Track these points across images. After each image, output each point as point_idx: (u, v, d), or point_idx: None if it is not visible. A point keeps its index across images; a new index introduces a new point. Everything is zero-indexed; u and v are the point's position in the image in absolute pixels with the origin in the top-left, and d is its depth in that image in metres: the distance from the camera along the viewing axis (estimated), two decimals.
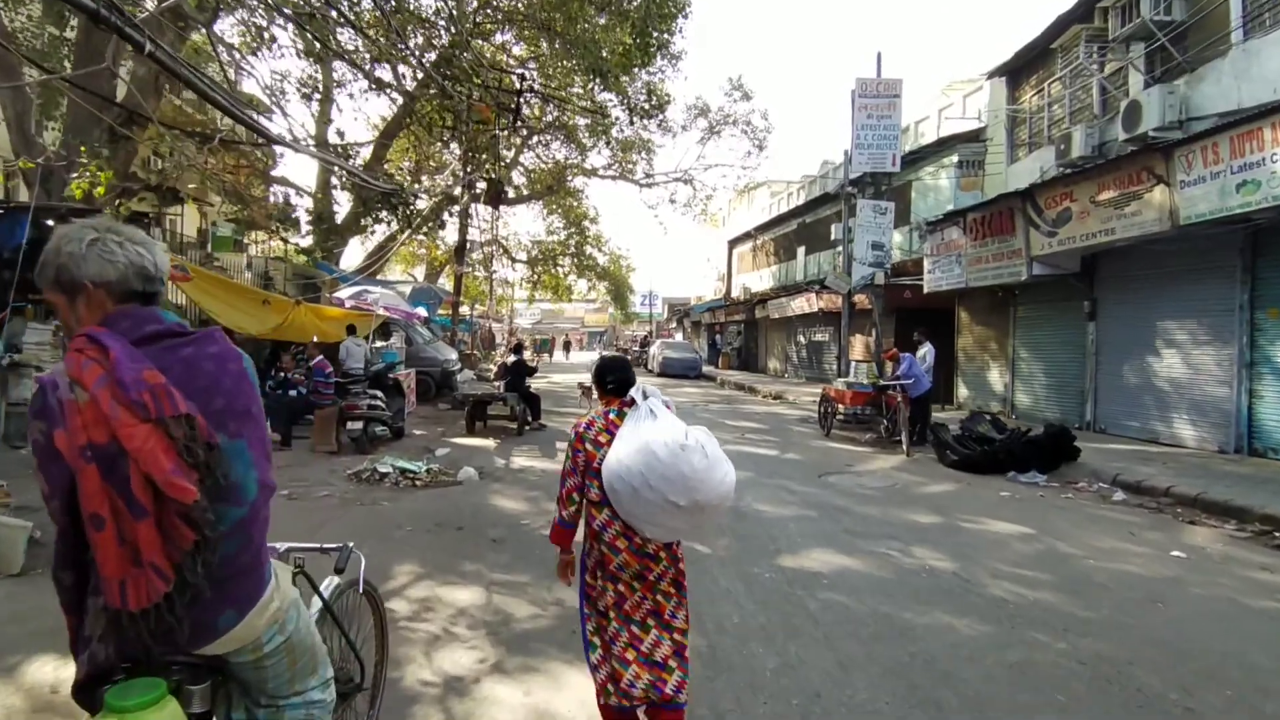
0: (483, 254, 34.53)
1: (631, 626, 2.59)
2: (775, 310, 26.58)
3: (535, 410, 12.00)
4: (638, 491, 2.41)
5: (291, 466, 8.54)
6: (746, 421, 14.10)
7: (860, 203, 14.78)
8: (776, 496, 7.44)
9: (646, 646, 2.58)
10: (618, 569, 2.60)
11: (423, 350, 15.79)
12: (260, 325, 12.87)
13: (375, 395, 9.78)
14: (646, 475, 2.39)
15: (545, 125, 24.25)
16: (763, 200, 34.20)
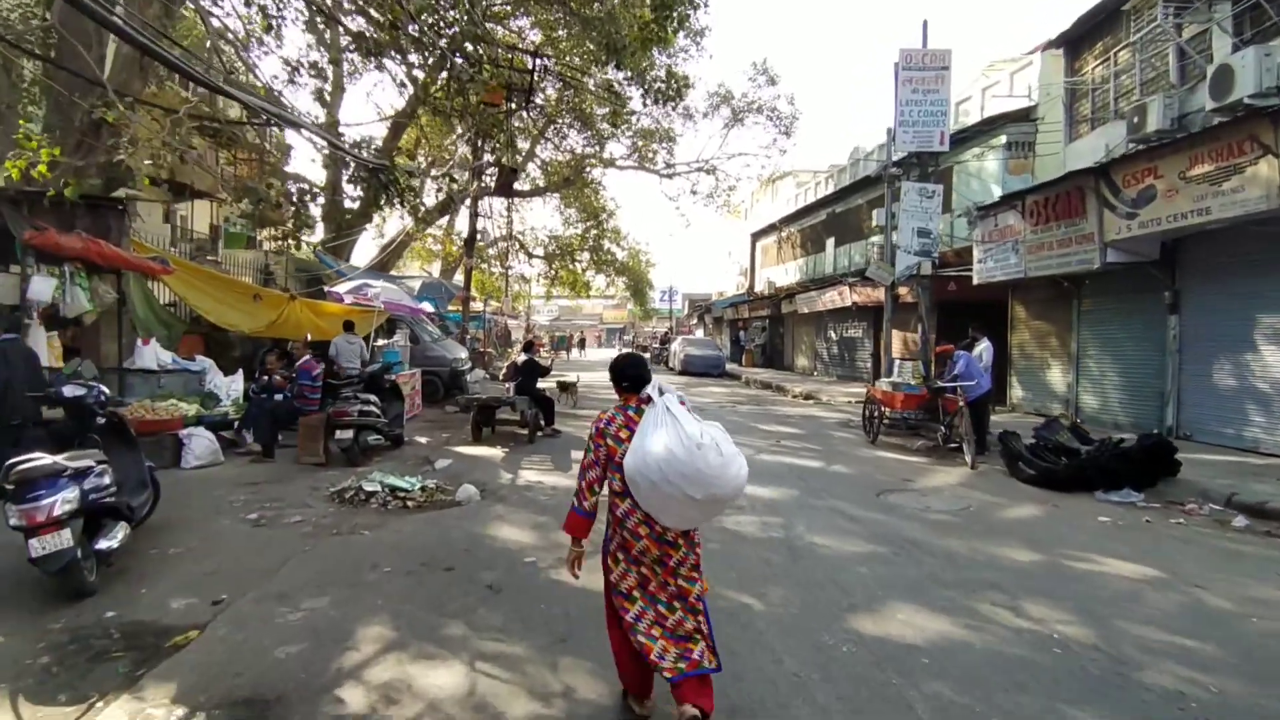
0: (498, 249, 33.73)
1: (658, 606, 2.83)
2: (804, 305, 25.24)
3: (549, 415, 10.86)
4: (657, 485, 2.64)
5: (269, 483, 7.46)
6: (780, 425, 12.85)
7: (905, 186, 13.45)
8: (832, 524, 6.21)
9: (672, 624, 2.81)
10: (639, 554, 2.84)
11: (430, 349, 14.72)
12: (252, 322, 11.89)
13: (368, 400, 8.68)
14: (665, 471, 2.60)
15: (562, 109, 23.15)
16: (788, 191, 32.81)
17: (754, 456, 9.47)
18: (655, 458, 2.65)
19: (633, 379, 3.02)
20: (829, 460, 9.40)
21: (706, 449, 2.63)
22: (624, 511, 2.88)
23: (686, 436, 2.65)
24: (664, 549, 2.84)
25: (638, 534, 2.85)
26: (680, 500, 2.66)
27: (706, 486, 2.63)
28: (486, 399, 10.12)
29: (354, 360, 11.54)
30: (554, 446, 10.05)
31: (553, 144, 26.57)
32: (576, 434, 11.16)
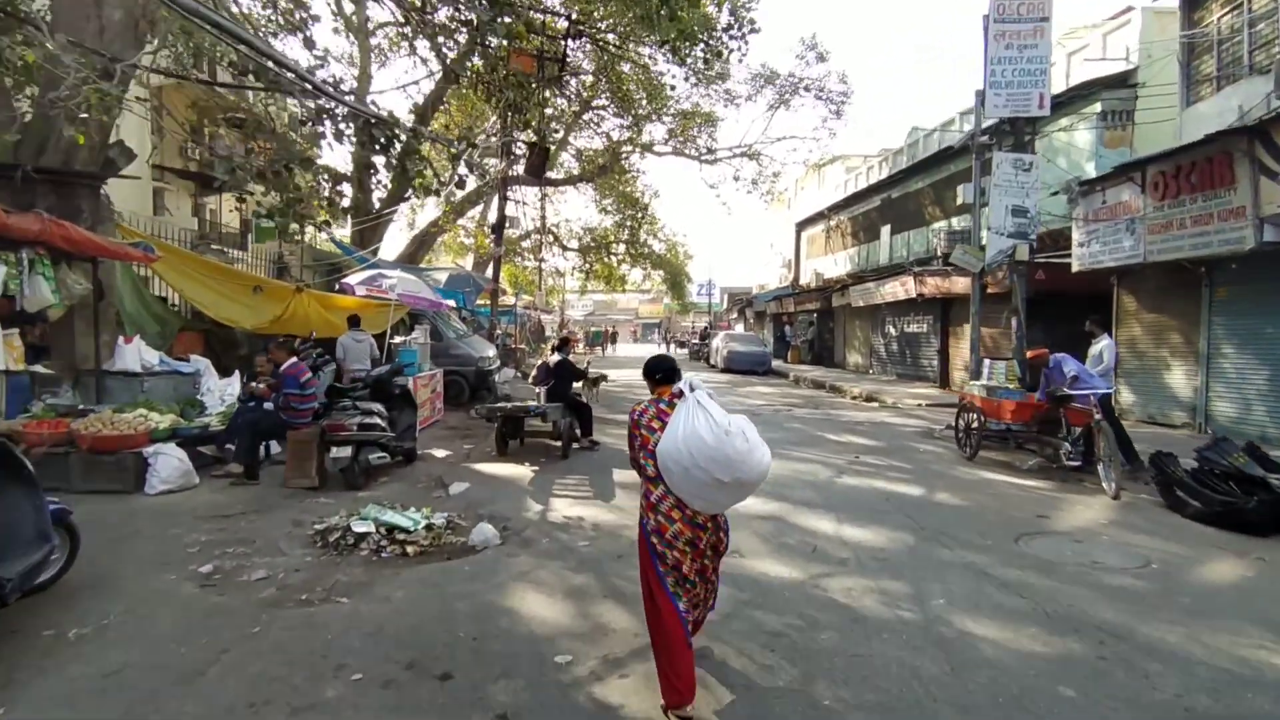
0: (532, 241, 32.37)
1: (686, 585, 3.15)
2: (859, 297, 23.29)
3: (586, 424, 9.30)
4: (688, 470, 2.94)
5: (244, 515, 6.04)
6: (851, 435, 11.10)
7: (997, 157, 11.54)
8: (979, 594, 4.50)
9: (694, 597, 3.21)
10: (673, 537, 3.11)
11: (453, 346, 13.30)
12: (256, 317, 10.58)
13: (371, 410, 7.22)
14: (695, 457, 2.90)
15: (599, 90, 21.63)
16: (836, 177, 30.80)
17: (834, 479, 7.79)
18: (686, 444, 2.91)
19: (666, 372, 3.34)
20: (928, 485, 7.65)
21: (734, 435, 2.90)
22: (657, 498, 3.14)
23: (715, 424, 2.91)
24: (695, 531, 3.11)
25: (671, 518, 3.10)
26: (709, 484, 2.94)
27: (733, 470, 2.91)
28: (512, 408, 8.58)
29: (362, 360, 10.17)
30: (592, 463, 8.48)
31: (590, 128, 25.14)
32: (617, 445, 9.58)
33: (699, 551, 3.14)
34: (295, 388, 7.03)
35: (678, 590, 3.10)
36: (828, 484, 7.56)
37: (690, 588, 3.15)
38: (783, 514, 6.31)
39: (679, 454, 2.93)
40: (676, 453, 2.94)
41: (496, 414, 8.58)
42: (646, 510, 3.19)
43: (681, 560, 3.10)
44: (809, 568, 4.90)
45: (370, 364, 9.79)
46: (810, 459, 8.97)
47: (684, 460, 2.92)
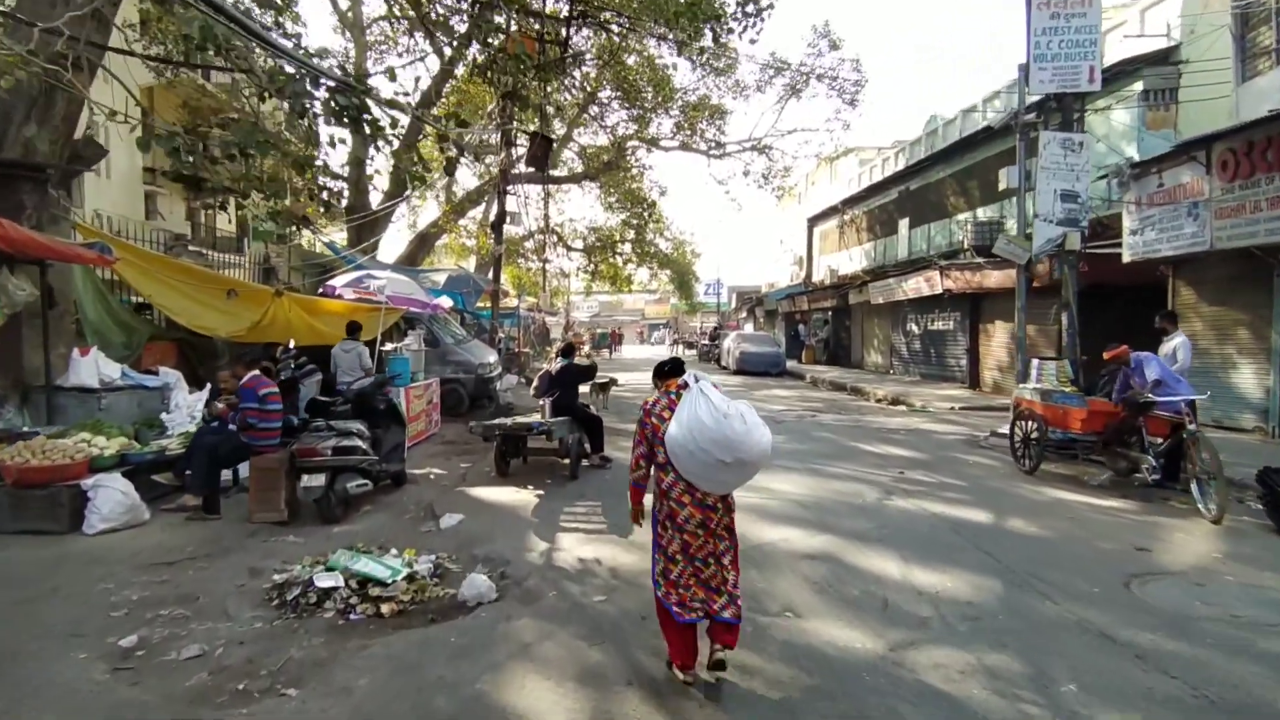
0: (535, 242, 31.43)
1: (695, 564, 3.34)
2: (879, 294, 22.23)
3: (596, 439, 8.30)
4: (693, 454, 3.16)
5: (192, 562, 5.08)
6: (888, 445, 10.08)
7: (1044, 137, 10.48)
8: (1113, 670, 3.47)
9: (705, 577, 3.34)
10: (684, 521, 3.33)
11: (451, 352, 12.33)
12: (232, 323, 9.61)
13: (349, 430, 6.25)
14: (698, 439, 3.12)
15: (603, 82, 20.69)
16: (849, 170, 29.77)
17: (883, 502, 6.77)
18: (689, 428, 3.16)
19: (672, 366, 3.73)
20: (994, 508, 6.63)
21: (732, 418, 3.11)
22: (668, 484, 3.38)
23: (715, 409, 3.14)
24: (705, 513, 3.33)
25: (681, 502, 3.34)
26: (713, 465, 3.14)
27: (734, 450, 3.11)
28: (512, 426, 7.54)
29: (353, 371, 9.20)
30: (605, 485, 7.49)
31: (594, 124, 24.21)
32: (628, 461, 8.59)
33: (710, 533, 3.35)
34: (254, 402, 6.05)
35: (666, 570, 3.37)
36: (878, 509, 6.54)
37: (702, 567, 3.33)
38: (836, 551, 5.30)
39: (685, 439, 3.16)
40: (682, 437, 3.18)
41: (495, 433, 7.56)
42: (659, 498, 3.44)
43: (691, 542, 3.33)
44: (885, 632, 3.89)
45: (364, 374, 8.85)
46: (850, 475, 7.96)
47: (688, 444, 3.15)
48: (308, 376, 10.39)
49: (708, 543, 3.35)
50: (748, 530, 5.67)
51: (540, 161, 12.72)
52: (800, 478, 7.79)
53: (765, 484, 7.36)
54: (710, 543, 3.35)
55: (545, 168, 13.13)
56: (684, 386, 3.44)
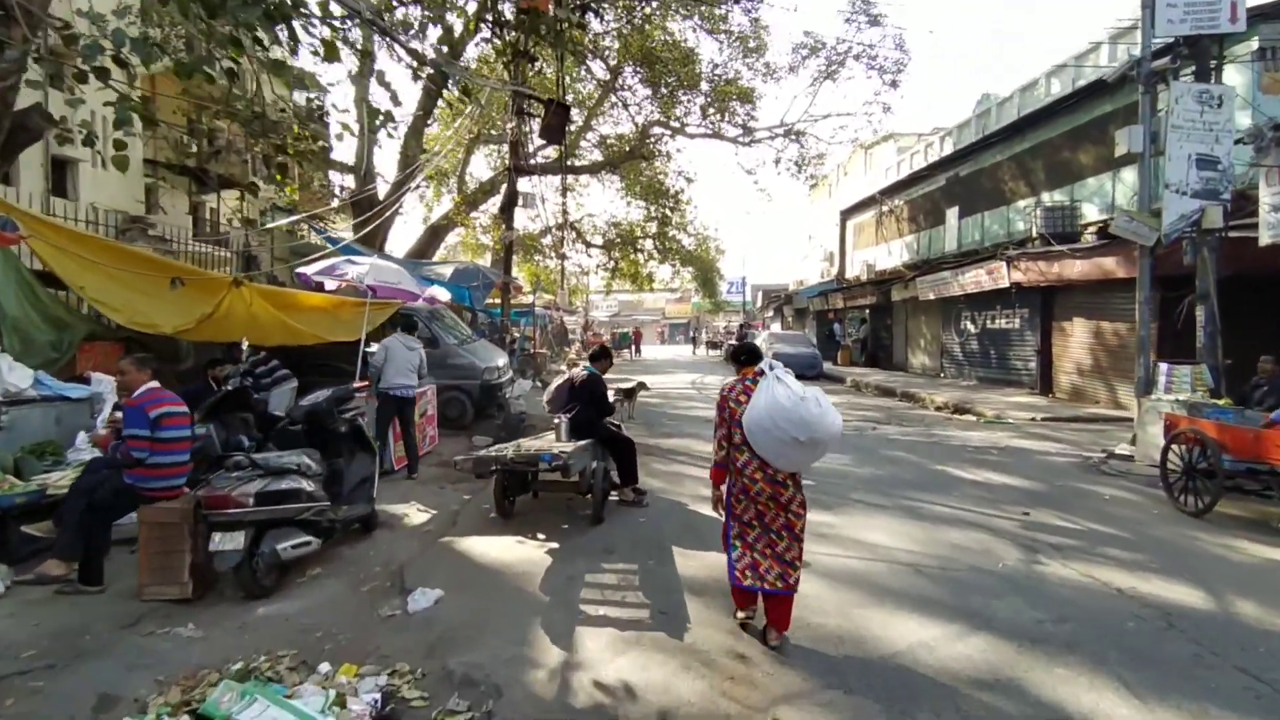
0: (553, 237, 29.72)
1: (770, 534, 3.64)
2: (930, 289, 20.18)
3: (628, 467, 6.45)
4: (769, 432, 3.44)
5: (24, 676, 3.31)
6: (985, 470, 8.13)
7: (1175, 89, 8.49)
8: None
9: (780, 549, 3.62)
10: (757, 494, 3.64)
11: (453, 354, 10.55)
12: (178, 317, 7.85)
13: (284, 469, 4.46)
14: (776, 419, 3.40)
15: (626, 59, 18.94)
16: (886, 159, 27.71)
17: (1030, 567, 4.84)
18: (769, 410, 3.43)
19: (749, 354, 3.92)
20: (1192, 577, 4.68)
21: (808, 401, 3.40)
22: (743, 462, 3.66)
23: (792, 393, 3.43)
24: (776, 489, 3.62)
25: (755, 479, 3.63)
26: (789, 443, 3.42)
27: (809, 430, 3.38)
28: (513, 459, 5.60)
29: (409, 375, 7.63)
30: (640, 533, 5.63)
31: (616, 110, 22.57)
32: (672, 494, 6.75)
33: (781, 506, 3.64)
34: (141, 428, 4.27)
35: (740, 538, 3.70)
36: (1031, 579, 4.62)
37: (775, 538, 3.63)
38: (1009, 669, 3.40)
39: (763, 419, 3.45)
40: (761, 418, 3.46)
41: (490, 469, 5.66)
42: (734, 475, 3.72)
43: (765, 512, 3.65)
44: None
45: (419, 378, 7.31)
46: (961, 518, 6.04)
47: (766, 424, 3.44)
48: (279, 384, 8.70)
49: (780, 516, 3.64)
50: (859, 624, 3.82)
51: (557, 133, 10.93)
52: (897, 522, 5.90)
53: (855, 534, 5.48)
54: (783, 516, 3.65)
55: (563, 140, 11.36)
56: (760, 373, 3.66)
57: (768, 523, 3.64)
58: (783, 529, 3.63)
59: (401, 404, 7.96)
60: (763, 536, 3.64)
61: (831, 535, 5.50)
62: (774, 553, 3.61)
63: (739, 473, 3.68)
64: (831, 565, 4.81)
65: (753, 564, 3.62)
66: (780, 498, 3.62)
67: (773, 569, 3.58)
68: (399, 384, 7.86)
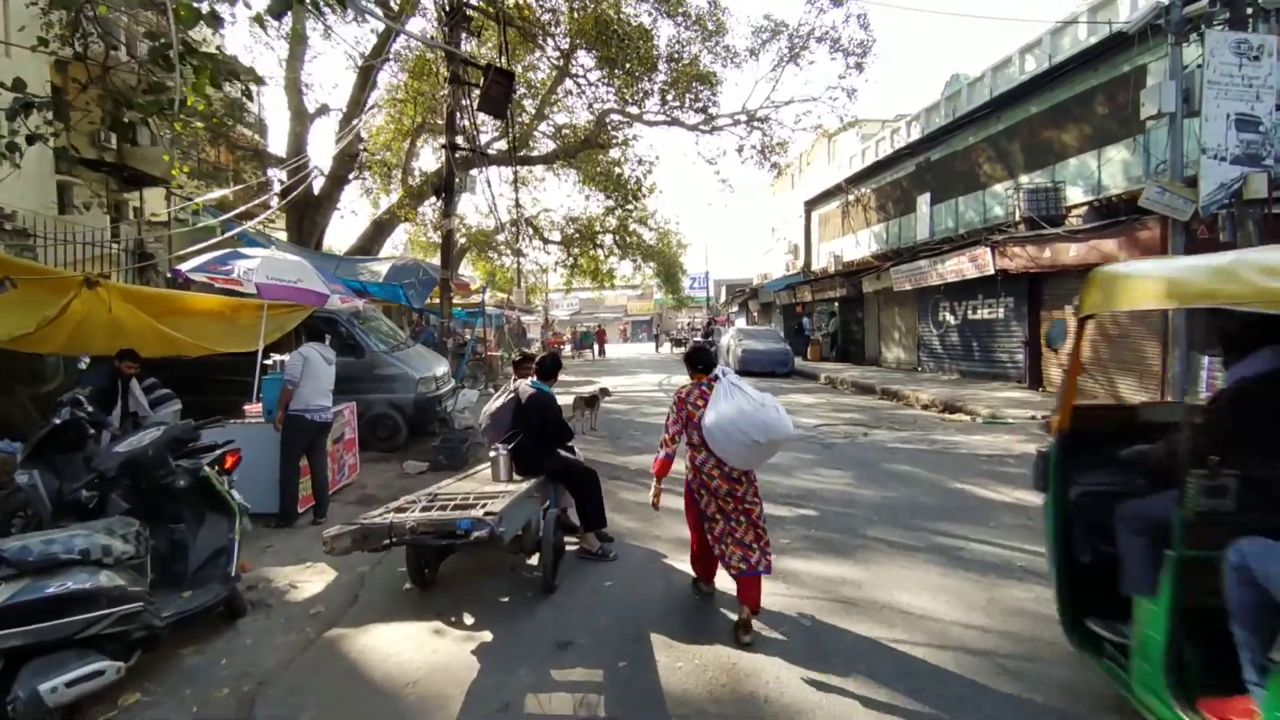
0: (507, 234, 28.06)
1: (731, 523, 3.84)
2: (906, 279, 19.17)
3: (591, 507, 4.99)
4: (730, 435, 3.66)
5: None
6: (1009, 486, 6.91)
7: (1210, 40, 7.39)
8: None
9: (740, 535, 3.82)
10: (714, 490, 3.86)
11: (381, 364, 8.95)
12: (11, 323, 6.23)
13: (66, 557, 2.91)
14: (738, 423, 3.63)
15: (579, 41, 17.48)
16: (850, 146, 26.71)
17: None
18: (732, 414, 3.66)
19: (705, 364, 4.12)
20: None
21: (768, 408, 3.67)
22: (701, 460, 3.89)
23: (752, 399, 3.69)
24: (732, 485, 3.85)
25: (713, 475, 3.86)
26: (747, 445, 3.66)
27: (768, 433, 3.63)
28: (417, 529, 3.73)
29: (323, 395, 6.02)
30: (609, 605, 4.20)
31: (571, 97, 21.16)
32: (645, 535, 5.33)
33: (737, 499, 3.86)
34: None
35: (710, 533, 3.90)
36: None
37: (736, 526, 3.83)
38: None
39: (726, 423, 3.67)
40: (724, 422, 3.67)
41: (383, 543, 3.82)
42: (692, 472, 3.97)
43: (725, 506, 3.86)
44: None
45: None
46: (1011, 561, 4.76)
47: (729, 428, 3.66)
48: (161, 405, 7.04)
49: (738, 507, 3.87)
50: None
51: (498, 105, 9.42)
52: (939, 573, 4.58)
53: (888, 596, 4.15)
54: (740, 507, 3.87)
55: (505, 113, 9.85)
56: (714, 379, 3.94)
57: (728, 513, 3.87)
58: (741, 515, 3.88)
59: (319, 430, 6.44)
60: (725, 526, 3.86)
61: (858, 600, 4.16)
62: (735, 539, 3.82)
63: (696, 470, 3.94)
64: (876, 664, 3.43)
65: (722, 554, 3.86)
66: (736, 493, 3.88)
67: (735, 553, 3.81)
68: (317, 405, 6.32)
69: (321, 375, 6.39)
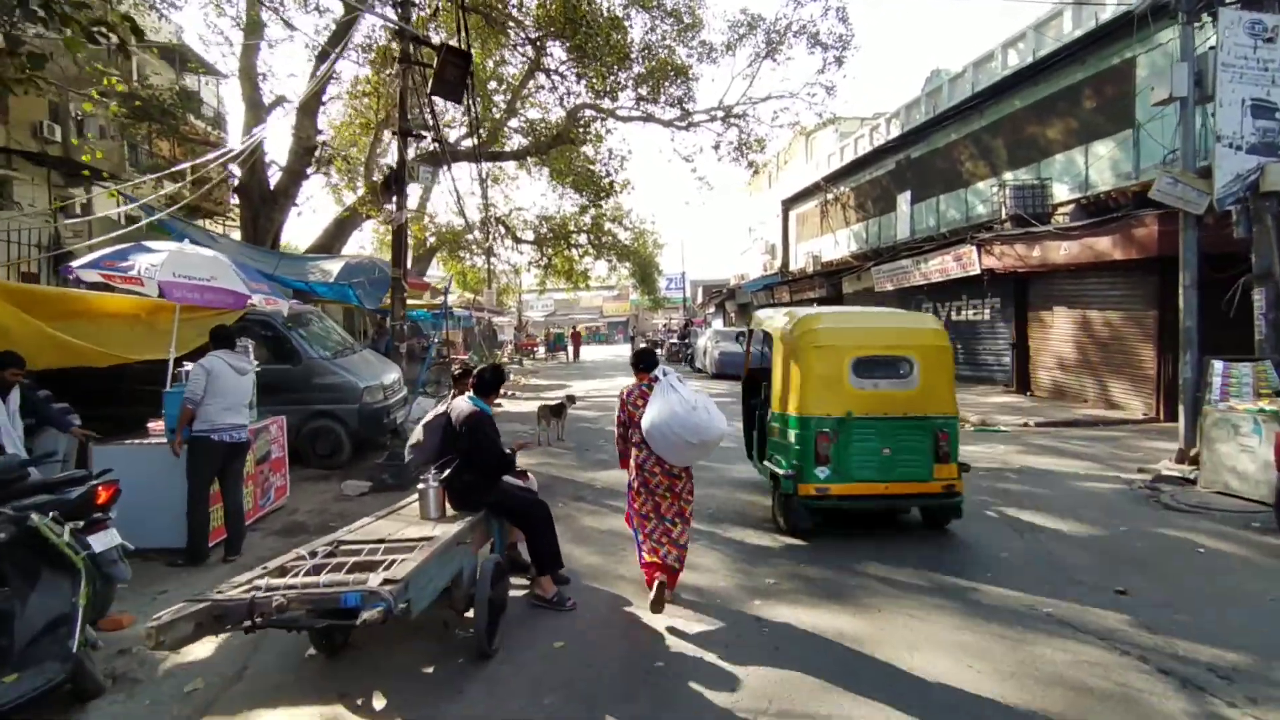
0: (479, 233, 27.11)
1: (665, 523, 4.12)
2: (888, 279, 18.63)
3: (543, 550, 4.18)
4: (666, 435, 3.92)
5: None
6: (1017, 508, 6.25)
7: (1224, 18, 6.79)
8: None
9: (675, 534, 4.13)
10: (655, 486, 4.14)
11: (319, 372, 8.06)
12: None
13: None
14: (672, 424, 3.88)
15: (550, 32, 16.67)
16: (828, 145, 26.21)
17: None
18: (665, 415, 3.89)
19: (648, 363, 4.35)
20: None
21: (699, 410, 3.89)
22: (642, 459, 4.15)
23: (685, 401, 3.90)
24: (671, 480, 4.14)
25: (654, 472, 4.12)
26: (681, 444, 3.92)
27: (700, 433, 3.89)
28: (285, 607, 2.75)
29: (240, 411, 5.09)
30: (559, 675, 3.40)
31: (544, 90, 20.35)
32: (609, 573, 4.55)
33: (675, 494, 4.15)
34: None
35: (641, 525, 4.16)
36: None
37: (670, 525, 4.12)
38: None
39: (661, 422, 3.91)
40: (660, 422, 3.91)
41: (247, 623, 2.80)
42: (635, 470, 4.21)
43: (661, 502, 4.13)
44: None
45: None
46: (1034, 608, 4.05)
47: (664, 429, 3.91)
48: (59, 422, 6.10)
49: (674, 504, 4.15)
50: None
51: (453, 89, 8.60)
52: (952, 626, 3.85)
53: (899, 657, 3.39)
54: (676, 504, 4.15)
55: (461, 98, 9.01)
56: (655, 379, 4.12)
57: (663, 512, 4.11)
58: (676, 516, 4.14)
59: (231, 452, 5.53)
60: (659, 526, 4.10)
61: (862, 666, 3.41)
62: (670, 539, 4.09)
63: (639, 467, 4.15)
64: None
65: (653, 549, 4.07)
66: (675, 487, 4.13)
67: (671, 553, 4.09)
68: (227, 424, 5.40)
69: (231, 390, 5.47)
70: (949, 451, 5.21)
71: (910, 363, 5.37)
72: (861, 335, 5.59)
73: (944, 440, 5.19)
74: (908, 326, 6.02)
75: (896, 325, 6.13)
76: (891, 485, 5.17)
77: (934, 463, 5.18)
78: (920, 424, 5.21)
